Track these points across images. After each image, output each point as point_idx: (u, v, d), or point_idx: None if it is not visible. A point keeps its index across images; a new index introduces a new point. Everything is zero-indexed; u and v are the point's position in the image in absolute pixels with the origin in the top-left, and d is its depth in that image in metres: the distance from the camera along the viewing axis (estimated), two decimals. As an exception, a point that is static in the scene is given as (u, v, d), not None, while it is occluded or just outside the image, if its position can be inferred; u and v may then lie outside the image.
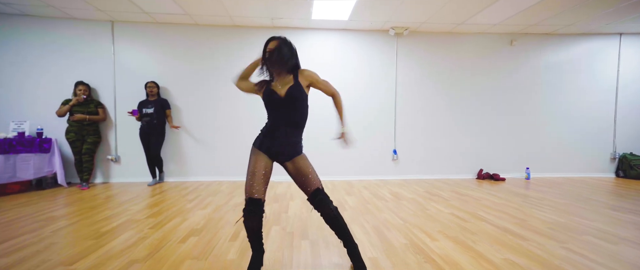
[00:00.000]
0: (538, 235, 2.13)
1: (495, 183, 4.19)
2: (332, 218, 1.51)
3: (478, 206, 2.92)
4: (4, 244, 1.95)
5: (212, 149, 4.31)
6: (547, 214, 2.67)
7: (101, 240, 2.02)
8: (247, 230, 1.47)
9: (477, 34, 4.55)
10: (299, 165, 1.53)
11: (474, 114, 4.61)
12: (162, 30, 4.17)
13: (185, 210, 2.77)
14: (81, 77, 4.01)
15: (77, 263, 1.67)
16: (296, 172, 1.53)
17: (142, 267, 1.62)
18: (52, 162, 3.66)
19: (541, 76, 4.63)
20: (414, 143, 4.56)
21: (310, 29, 4.37)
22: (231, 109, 4.30)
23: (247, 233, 1.48)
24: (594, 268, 1.62)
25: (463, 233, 2.16)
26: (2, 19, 3.88)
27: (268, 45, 1.52)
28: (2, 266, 1.62)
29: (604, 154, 4.71)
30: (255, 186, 1.43)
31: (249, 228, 1.46)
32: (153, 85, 4.02)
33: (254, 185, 1.43)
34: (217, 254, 1.80)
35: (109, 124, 4.15)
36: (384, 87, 4.52)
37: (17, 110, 3.94)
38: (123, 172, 4.19)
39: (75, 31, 4.03)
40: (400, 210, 2.78)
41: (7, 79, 3.93)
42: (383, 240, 2.03)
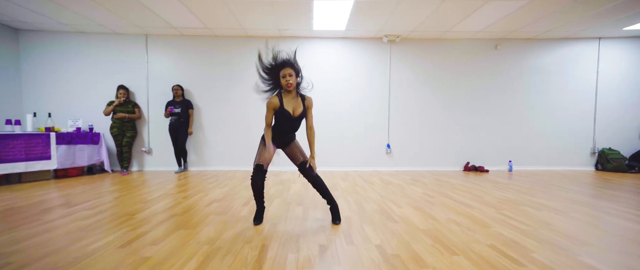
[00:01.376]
0: (484, 205, 2.65)
1: (478, 174, 4.66)
2: (314, 179, 2.10)
3: (450, 189, 3.44)
4: (85, 203, 2.68)
5: (227, 142, 5.02)
6: (504, 193, 3.16)
7: (148, 203, 2.71)
8: (254, 189, 2.09)
9: (463, 40, 5.04)
10: (292, 147, 2.14)
11: (462, 112, 5.08)
12: (187, 42, 4.92)
13: (207, 188, 3.45)
14: (121, 81, 4.82)
15: (136, 214, 2.36)
16: (290, 152, 2.14)
17: (180, 218, 2.29)
18: (100, 152, 4.46)
19: (525, 78, 5.05)
20: (406, 138, 5.09)
21: (312, 38, 5.01)
22: (243, 109, 4.99)
23: (253, 192, 2.11)
24: (510, 222, 2.15)
25: (425, 204, 2.71)
26: (61, 36, 4.74)
27: (285, 70, 1.86)
28: (89, 215, 2.33)
29: (584, 148, 5.07)
30: (262, 159, 2.04)
31: (255, 187, 2.08)
32: (178, 87, 4.76)
33: (262, 159, 2.04)
34: (233, 212, 2.45)
35: (143, 121, 4.94)
36: (379, 89, 5.08)
37: (72, 109, 4.79)
38: (155, 161, 4.97)
39: (116, 44, 4.84)
40: (383, 191, 3.35)
41: (65, 84, 4.79)
42: (360, 207, 2.62)
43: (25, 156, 3.62)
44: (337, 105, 5.02)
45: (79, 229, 2.01)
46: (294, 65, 1.93)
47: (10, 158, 3.47)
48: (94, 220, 2.21)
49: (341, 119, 5.03)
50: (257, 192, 2.10)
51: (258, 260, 1.55)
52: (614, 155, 4.74)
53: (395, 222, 2.19)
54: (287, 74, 1.90)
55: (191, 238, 1.86)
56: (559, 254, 1.62)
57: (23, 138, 3.62)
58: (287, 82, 1.90)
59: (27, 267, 1.44)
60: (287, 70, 1.90)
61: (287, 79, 1.90)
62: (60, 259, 1.53)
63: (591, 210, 2.50)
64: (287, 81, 1.90)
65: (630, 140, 5.00)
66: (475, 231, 1.98)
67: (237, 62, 4.98)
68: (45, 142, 3.83)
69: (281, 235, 1.93)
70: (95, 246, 1.70)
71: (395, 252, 1.65)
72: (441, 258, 1.57)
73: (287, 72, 1.90)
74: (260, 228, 2.06)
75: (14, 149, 3.52)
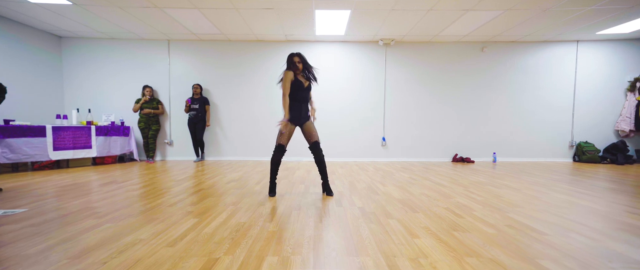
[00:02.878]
0: (455, 185, 3.19)
1: (465, 164, 5.17)
2: (321, 159, 2.66)
3: (433, 175, 3.98)
4: (130, 181, 3.32)
5: (239, 135, 5.63)
6: (477, 177, 3.69)
7: (179, 182, 3.33)
8: (273, 164, 2.65)
9: (452, 43, 5.53)
10: (309, 125, 2.72)
11: (452, 108, 5.59)
12: (205, 46, 5.54)
13: (224, 173, 4.06)
14: (146, 81, 5.47)
15: (172, 188, 2.98)
16: (307, 129, 2.71)
17: (208, 191, 2.89)
18: (130, 143, 5.13)
19: (509, 77, 5.52)
20: (400, 132, 5.63)
21: (315, 42, 5.56)
22: (253, 106, 5.59)
23: (271, 166, 2.67)
24: (470, 196, 2.69)
25: (407, 184, 3.27)
26: (96, 42, 5.41)
27: (294, 58, 2.64)
28: (137, 187, 2.96)
29: (563, 142, 5.52)
30: (283, 140, 2.61)
31: (274, 162, 2.64)
32: (197, 86, 5.38)
33: (282, 139, 2.61)
34: (248, 187, 3.04)
35: (165, 117, 5.58)
36: (376, 87, 5.61)
37: (105, 106, 5.46)
38: (176, 152, 5.62)
39: (142, 48, 5.49)
40: (374, 175, 3.90)
41: (99, 83, 5.46)
42: (351, 186, 3.19)
43: (73, 145, 4.29)
44: (338, 102, 5.58)
45: (133, 196, 2.63)
46: (301, 55, 2.70)
47: (62, 146, 4.14)
48: (142, 191, 2.83)
49: (341, 115, 5.59)
50: (274, 167, 2.67)
51: (270, 213, 2.14)
52: (589, 147, 5.19)
53: (377, 195, 2.75)
54: (296, 61, 2.66)
55: (220, 201, 2.45)
56: (493, 212, 2.17)
57: (71, 130, 4.29)
58: (296, 65, 2.66)
59: (109, 215, 2.06)
60: (297, 57, 2.67)
61: (296, 64, 2.66)
62: (130, 211, 2.15)
63: (542, 189, 3.01)
64: (296, 65, 2.66)
65: (605, 134, 5.44)
66: (439, 200, 2.53)
67: (248, 64, 5.57)
68: (87, 134, 4.50)
69: (288, 200, 2.51)
70: (152, 205, 2.31)
71: (372, 211, 2.22)
72: (405, 214, 2.13)
73: (296, 60, 2.66)
74: (270, 198, 2.65)
75: (64, 139, 4.18)
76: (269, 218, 2.03)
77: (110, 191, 2.81)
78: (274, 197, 2.65)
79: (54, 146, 4.05)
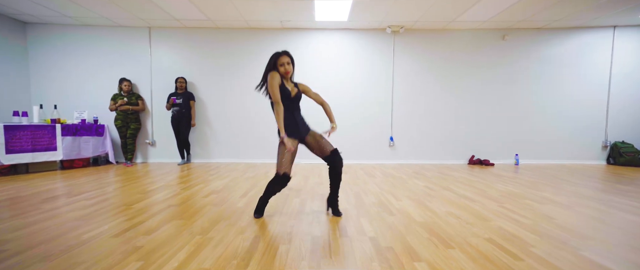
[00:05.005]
0: (486, 199, 2.59)
1: (483, 168, 4.56)
2: (339, 172, 2.05)
3: (452, 182, 3.38)
4: (84, 194, 2.73)
5: (230, 135, 5.03)
6: (508, 186, 3.08)
7: (147, 194, 2.74)
8: (269, 194, 2.05)
9: (469, 30, 4.88)
10: (315, 136, 2.11)
11: (468, 104, 4.96)
12: (190, 34, 4.91)
13: (208, 180, 3.47)
14: (125, 74, 4.86)
15: (134, 204, 2.38)
16: (314, 140, 2.09)
17: (177, 209, 2.30)
18: (105, 144, 4.53)
19: (534, 69, 4.88)
20: (409, 131, 5.01)
21: (314, 30, 4.93)
22: (245, 101, 4.98)
23: (266, 194, 2.06)
24: (511, 216, 2.09)
25: (425, 197, 2.66)
26: (67, 29, 4.79)
27: (282, 58, 1.96)
28: (87, 205, 2.37)
29: (596, 142, 4.90)
30: (286, 166, 1.95)
31: (272, 193, 2.04)
32: (182, 80, 4.77)
33: (286, 165, 1.95)
34: (230, 203, 2.45)
35: (147, 114, 4.98)
36: (383, 80, 4.99)
37: (78, 101, 4.86)
38: (158, 153, 5.03)
39: (120, 36, 4.87)
40: (383, 183, 3.31)
41: (71, 76, 4.86)
42: (358, 199, 2.59)
43: (32, 147, 3.70)
44: (340, 97, 4.96)
45: (76, 218, 2.04)
46: (291, 55, 2.04)
47: (17, 149, 3.56)
48: (92, 210, 2.24)
49: (343, 111, 4.98)
50: (269, 193, 2.06)
51: (249, 251, 1.54)
52: (627, 148, 4.57)
53: (392, 215, 2.15)
54: (286, 62, 2.00)
55: (185, 228, 1.86)
56: (558, 248, 1.56)
57: (30, 129, 3.70)
58: (285, 69, 2.00)
59: (20, 255, 1.46)
60: (285, 58, 2.00)
61: (285, 67, 2.00)
62: (54, 247, 1.55)
63: (598, 205, 2.41)
64: (286, 68, 2.00)
65: (644, 133, 4.81)
66: (473, 224, 1.93)
67: (239, 55, 4.95)
68: (51, 134, 3.91)
69: (276, 225, 1.91)
70: (90, 235, 1.72)
71: (388, 245, 1.62)
72: (436, 251, 1.53)
73: (285, 61, 2.00)
74: (255, 220, 2.06)
75: (21, 140, 3.59)
76: (245, 260, 1.43)
77: (51, 210, 2.22)
78: (260, 219, 2.06)
79: (7, 148, 3.46)
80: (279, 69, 1.99)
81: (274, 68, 2.00)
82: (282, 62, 1.98)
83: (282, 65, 1.98)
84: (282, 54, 1.99)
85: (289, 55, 2.01)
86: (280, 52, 2.00)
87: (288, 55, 2.00)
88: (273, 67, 2.00)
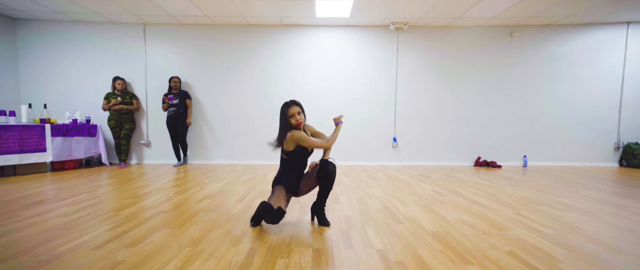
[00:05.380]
0: (499, 204, 2.41)
1: (490, 170, 4.39)
2: (328, 182, 1.85)
3: (460, 185, 3.20)
4: (72, 198, 2.56)
5: (229, 135, 4.86)
6: (520, 191, 2.91)
7: (137, 199, 2.57)
8: (258, 219, 1.90)
9: (476, 27, 4.71)
10: (305, 180, 1.93)
11: (474, 104, 4.79)
12: (186, 31, 4.75)
13: (203, 183, 3.30)
14: (119, 72, 4.69)
15: (122, 211, 2.21)
16: (304, 183, 1.93)
17: (167, 215, 2.13)
18: (98, 145, 4.37)
19: (543, 67, 4.70)
20: (413, 131, 4.84)
21: (315, 26, 4.76)
22: (244, 101, 4.81)
23: (258, 217, 1.89)
24: (530, 225, 1.92)
25: (434, 203, 2.49)
26: (59, 26, 4.63)
27: (292, 109, 1.82)
28: (71, 211, 2.20)
29: (607, 143, 4.72)
30: (283, 201, 1.81)
31: (261, 220, 1.90)
32: (177, 79, 4.59)
33: (283, 201, 1.81)
34: (225, 209, 2.28)
35: (141, 114, 4.81)
36: (386, 79, 4.81)
37: (70, 100, 4.69)
38: (154, 154, 4.86)
39: (114, 33, 4.70)
40: (388, 187, 3.13)
41: (62, 74, 4.69)
42: (362, 205, 2.42)
43: (20, 148, 3.53)
44: (341, 97, 4.80)
45: (56, 226, 1.87)
46: (299, 103, 1.90)
47: (4, 150, 3.39)
48: (75, 217, 2.07)
49: (345, 111, 4.80)
50: (260, 219, 1.92)
51: (242, 265, 1.37)
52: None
53: (400, 223, 1.98)
54: (296, 113, 1.85)
55: (174, 238, 1.69)
56: (592, 265, 1.39)
57: (17, 129, 3.53)
58: (297, 120, 1.85)
59: (-16, 271, 1.30)
60: (294, 109, 1.85)
61: (296, 117, 1.84)
62: (21, 263, 1.38)
63: (623, 212, 2.23)
64: (297, 120, 1.84)
65: (658, 134, 4.63)
66: (490, 235, 1.76)
67: (237, 52, 4.78)
68: (40, 134, 3.74)
69: (273, 236, 1.74)
70: (66, 248, 1.55)
71: (399, 259, 1.45)
72: (452, 267, 1.36)
73: (295, 111, 1.85)
74: (251, 228, 1.88)
75: (7, 140, 3.43)
76: (238, 279, 1.26)
77: (29, 218, 2.05)
78: (257, 228, 1.89)
79: (-8, 150, 3.30)
80: (290, 121, 1.84)
81: (286, 122, 1.85)
82: (292, 114, 1.83)
83: (292, 116, 1.83)
84: (290, 104, 1.85)
85: (298, 104, 1.87)
86: (288, 103, 1.86)
87: (297, 104, 1.86)
88: (286, 121, 1.85)
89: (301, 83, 4.74)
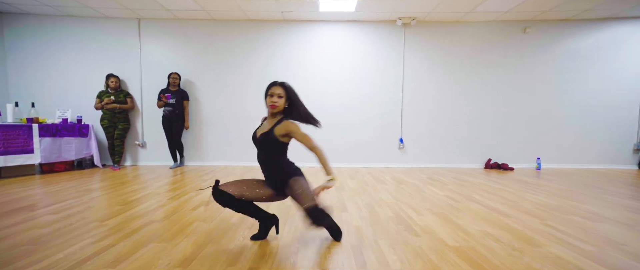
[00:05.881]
0: (522, 213, 2.20)
1: (502, 172, 4.18)
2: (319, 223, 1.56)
3: (474, 190, 2.99)
4: (55, 205, 2.35)
5: (227, 136, 4.65)
6: (541, 197, 2.70)
7: (128, 206, 2.36)
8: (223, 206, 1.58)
9: (487, 23, 4.49)
10: (289, 192, 1.59)
11: (484, 103, 4.57)
12: (183, 26, 4.53)
13: (200, 186, 3.09)
14: (112, 69, 4.47)
15: (108, 220, 2.00)
16: (291, 196, 1.59)
17: (158, 226, 1.92)
18: (90, 146, 4.16)
19: (558, 65, 4.48)
20: (421, 132, 4.63)
21: (318, 22, 4.54)
22: (243, 99, 4.60)
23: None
24: (564, 238, 1.71)
25: (450, 210, 2.28)
26: (49, 20, 4.41)
27: (271, 89, 1.57)
28: (51, 221, 1.99)
29: (626, 145, 4.50)
30: (235, 186, 1.54)
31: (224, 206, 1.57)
32: (176, 76, 4.37)
33: (236, 186, 1.54)
34: (222, 218, 2.07)
35: (136, 113, 4.60)
36: (392, 77, 4.60)
37: (61, 99, 4.48)
38: (149, 156, 4.65)
39: (107, 28, 4.48)
40: (397, 192, 2.92)
41: (52, 72, 4.48)
42: (372, 213, 2.21)
43: (4, 149, 3.32)
44: (345, 96, 4.58)
45: (30, 240, 1.66)
46: (286, 86, 1.60)
47: (-15, 152, 3.18)
48: (54, 228, 1.86)
49: (349, 111, 4.59)
50: (241, 212, 1.63)
51: (239, 293, 1.16)
52: (661, 152, 4.18)
53: (417, 236, 1.77)
54: (276, 94, 1.57)
55: (163, 255, 1.48)
56: (652, 293, 1.18)
57: (1, 129, 3.32)
58: (272, 102, 1.56)
59: None
60: (276, 89, 1.58)
61: (273, 99, 1.56)
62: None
63: (660, 222, 2.02)
64: (273, 101, 1.56)
65: (679, 135, 4.42)
66: (523, 251, 1.55)
67: (237, 49, 4.56)
68: (27, 134, 3.53)
69: (275, 253, 1.53)
70: (36, 267, 1.34)
71: (422, 284, 1.24)
72: (487, 295, 1.15)
73: (276, 92, 1.57)
74: (251, 243, 1.68)
75: (-10, 141, 3.22)
76: (233, 312, 1.05)
77: (3, 229, 1.84)
78: (256, 241, 1.68)
79: (-26, 152, 3.09)
80: (266, 100, 1.58)
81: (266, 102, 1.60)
82: (271, 93, 1.57)
83: (271, 96, 1.56)
84: (274, 84, 1.60)
85: (285, 87, 1.59)
86: (274, 82, 1.61)
87: (282, 86, 1.58)
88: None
89: (303, 81, 4.52)
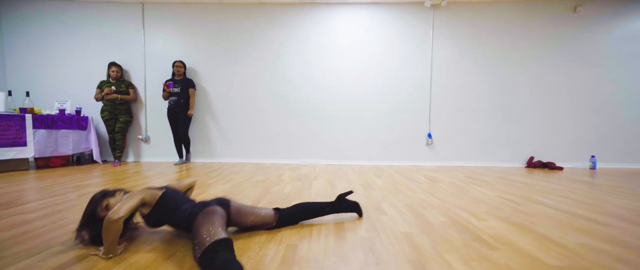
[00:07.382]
0: (621, 221, 1.70)
1: (550, 172, 3.63)
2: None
3: (531, 191, 2.49)
4: (36, 202, 1.98)
5: (237, 130, 4.26)
6: (627, 201, 2.17)
7: (119, 204, 1.96)
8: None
9: (529, 2, 3.97)
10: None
11: (526, 94, 4.04)
12: (190, 11, 4.18)
13: (206, 184, 2.69)
14: (114, 57, 4.16)
15: (89, 222, 1.60)
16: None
17: (153, 232, 1.51)
18: (89, 139, 3.82)
19: (613, 48, 3.93)
20: (451, 127, 4.13)
21: (337, 4, 4.12)
22: (255, 90, 4.21)
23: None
24: None
25: (518, 216, 1.79)
26: (47, 5, 4.13)
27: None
28: (22, 221, 1.61)
29: (694, 140, 3.89)
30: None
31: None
32: (180, 64, 4.03)
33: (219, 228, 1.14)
34: (231, 221, 1.64)
35: (139, 105, 4.26)
36: (419, 66, 4.12)
37: (60, 89, 4.18)
38: (152, 151, 4.29)
39: (109, 14, 4.18)
40: (437, 191, 2.44)
41: (51, 60, 4.19)
42: (418, 217, 1.74)
43: (-8, 141, 3.00)
44: (365, 86, 4.13)
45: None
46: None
47: (-30, 143, 2.86)
48: (22, 230, 1.47)
49: (370, 103, 4.14)
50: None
51: None
52: None
53: (494, 249, 1.30)
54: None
55: (150, 268, 1.06)
56: None
57: (-11, 119, 3.01)
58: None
59: None
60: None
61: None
62: None
63: None
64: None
65: None
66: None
67: (247, 35, 4.18)
68: (19, 126, 3.21)
69: (295, 267, 1.09)
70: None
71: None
72: None
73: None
74: (258, 253, 1.24)
75: (-24, 132, 2.90)
76: None
77: (-43, 231, 1.46)
78: (257, 250, 1.24)
79: (-43, 143, 2.77)
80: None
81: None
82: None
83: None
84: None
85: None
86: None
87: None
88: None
89: (319, 70, 4.10)
